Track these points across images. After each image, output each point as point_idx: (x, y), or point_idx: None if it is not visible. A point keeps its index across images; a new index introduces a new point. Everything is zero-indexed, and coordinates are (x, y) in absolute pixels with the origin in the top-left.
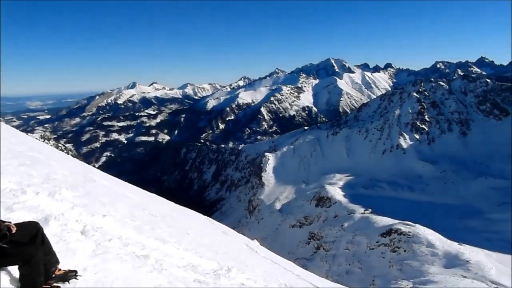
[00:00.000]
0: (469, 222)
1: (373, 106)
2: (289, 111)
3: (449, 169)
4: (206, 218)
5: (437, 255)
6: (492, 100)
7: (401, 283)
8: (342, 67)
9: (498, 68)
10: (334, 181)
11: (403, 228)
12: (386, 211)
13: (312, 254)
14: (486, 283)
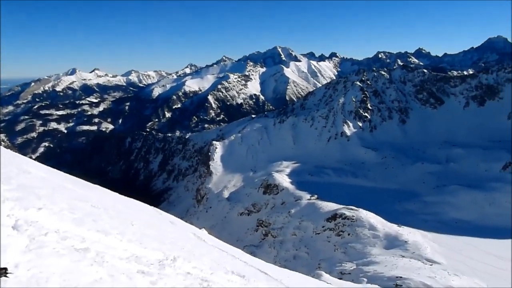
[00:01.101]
0: (407, 205)
1: (318, 94)
2: (237, 99)
3: (389, 155)
4: (152, 209)
5: (378, 237)
6: (429, 89)
7: (345, 265)
8: (288, 55)
9: (434, 59)
10: (281, 168)
11: (347, 213)
12: (331, 197)
13: (260, 241)
14: (422, 261)
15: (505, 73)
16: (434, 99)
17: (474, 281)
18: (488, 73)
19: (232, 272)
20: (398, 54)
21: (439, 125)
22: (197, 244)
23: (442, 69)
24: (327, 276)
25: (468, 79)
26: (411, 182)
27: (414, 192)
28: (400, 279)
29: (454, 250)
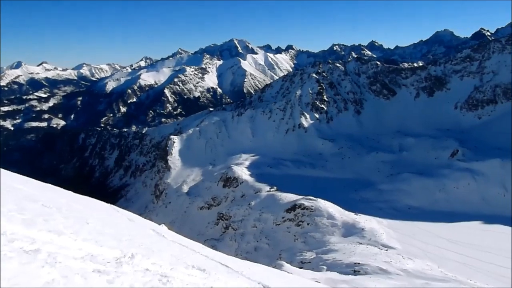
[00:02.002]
0: (363, 194)
1: (276, 87)
2: (194, 93)
3: (345, 146)
4: (109, 206)
5: (336, 226)
6: (381, 81)
7: (305, 254)
8: (245, 48)
9: (386, 52)
10: (240, 161)
11: (306, 203)
12: (290, 188)
13: (221, 234)
14: (378, 247)
15: (452, 65)
16: (387, 90)
17: (427, 264)
18: (436, 65)
19: (193, 267)
20: (352, 46)
21: (392, 115)
22: (157, 240)
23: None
24: (288, 266)
25: (418, 71)
26: (367, 171)
27: (370, 181)
28: (358, 265)
29: (407, 235)
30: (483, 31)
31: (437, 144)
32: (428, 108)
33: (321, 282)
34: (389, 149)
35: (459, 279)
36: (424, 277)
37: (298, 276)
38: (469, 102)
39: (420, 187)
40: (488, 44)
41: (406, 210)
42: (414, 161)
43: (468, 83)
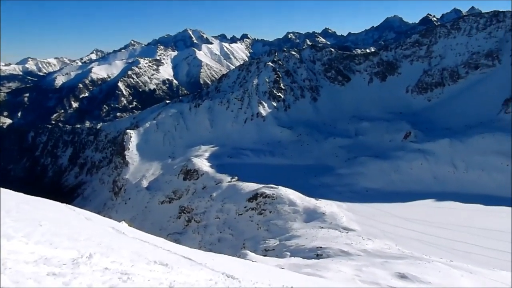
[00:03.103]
0: (323, 179)
1: (232, 76)
2: (149, 85)
3: (304, 133)
4: (65, 206)
5: (298, 212)
6: (336, 67)
7: (269, 242)
8: (200, 38)
9: (339, 39)
10: (200, 153)
11: (267, 191)
12: (251, 177)
13: (184, 227)
14: (339, 230)
15: (402, 50)
16: (341, 77)
17: (385, 243)
18: (388, 51)
19: (154, 262)
20: (306, 34)
21: (347, 101)
22: (116, 238)
23: (347, 47)
24: (252, 254)
25: (370, 57)
26: (325, 157)
27: (328, 166)
28: (320, 249)
29: (366, 216)
30: (429, 16)
31: (391, 127)
32: (381, 93)
33: (285, 268)
34: (345, 134)
35: (415, 255)
36: (383, 256)
37: (262, 264)
38: (419, 86)
39: (376, 169)
40: (434, 29)
41: (364, 193)
42: (370, 145)
43: (417, 67)
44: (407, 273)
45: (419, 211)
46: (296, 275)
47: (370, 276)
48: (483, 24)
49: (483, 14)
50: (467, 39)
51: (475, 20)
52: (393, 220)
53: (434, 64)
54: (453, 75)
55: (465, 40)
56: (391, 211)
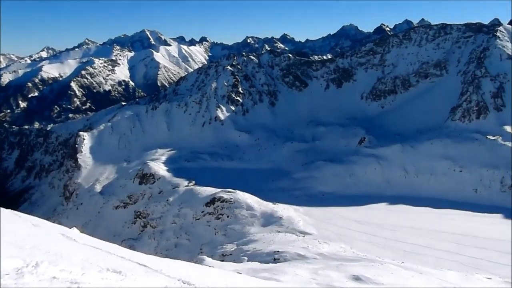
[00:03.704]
0: (280, 183)
1: (190, 79)
2: (104, 86)
3: (261, 137)
4: (9, 212)
5: (256, 216)
6: (294, 73)
7: (226, 246)
8: (158, 39)
9: (297, 44)
10: (156, 156)
11: (225, 196)
12: (209, 182)
13: (139, 233)
14: (296, 233)
15: (357, 58)
16: (299, 82)
17: (341, 246)
18: (344, 58)
19: (107, 269)
20: (265, 39)
21: (305, 106)
22: (66, 245)
23: (304, 53)
24: (209, 259)
25: (327, 63)
26: (283, 161)
27: (286, 170)
28: (278, 253)
29: (322, 220)
30: (383, 26)
31: (346, 133)
32: (337, 99)
33: (242, 272)
34: (302, 139)
35: (369, 257)
36: (338, 259)
37: (219, 269)
38: (373, 93)
39: (332, 173)
40: (387, 38)
41: (320, 196)
42: (326, 149)
43: (372, 74)
44: (361, 275)
45: (372, 214)
46: (253, 279)
47: (325, 279)
48: (432, 36)
49: (432, 26)
50: (417, 49)
51: (425, 32)
52: (348, 223)
53: (387, 72)
54: (404, 83)
55: (416, 50)
56: (346, 215)
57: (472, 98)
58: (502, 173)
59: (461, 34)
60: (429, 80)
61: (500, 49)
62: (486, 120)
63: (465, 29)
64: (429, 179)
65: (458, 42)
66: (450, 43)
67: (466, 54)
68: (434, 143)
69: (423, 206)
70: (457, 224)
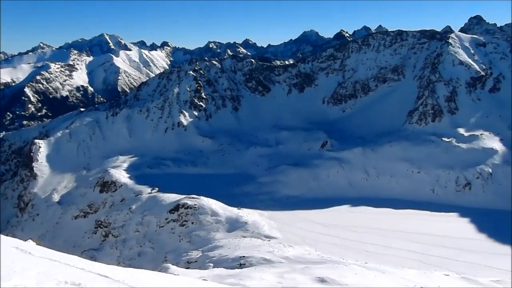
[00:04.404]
0: (244, 188)
1: (152, 84)
2: (61, 92)
3: (225, 142)
4: None
5: (221, 222)
6: (257, 78)
7: (191, 253)
8: (117, 44)
9: (259, 50)
10: (118, 163)
11: (189, 202)
12: (172, 188)
13: (100, 243)
14: (261, 238)
15: (318, 63)
16: (262, 87)
17: (305, 249)
18: (305, 63)
19: (65, 282)
20: (227, 44)
21: (268, 111)
22: (21, 259)
23: (267, 58)
24: (174, 267)
25: (289, 68)
26: (247, 166)
27: (250, 175)
28: (243, 258)
29: (287, 223)
30: (343, 32)
31: (309, 137)
32: (299, 103)
33: (208, 279)
34: (266, 143)
35: (333, 259)
36: (303, 262)
37: (184, 276)
38: (334, 97)
39: (296, 177)
40: (347, 44)
41: (284, 200)
42: (290, 153)
43: (332, 79)
44: (326, 277)
45: (336, 216)
46: (219, 286)
47: (291, 282)
48: (389, 42)
49: (389, 33)
50: (376, 54)
51: (382, 38)
52: (312, 226)
53: (347, 77)
54: (364, 88)
55: (374, 56)
56: (311, 217)
57: (428, 102)
58: (457, 174)
59: (416, 40)
60: (387, 84)
61: (453, 55)
62: (441, 123)
63: (419, 36)
64: (389, 181)
65: (414, 48)
66: (406, 49)
67: (421, 59)
68: (393, 145)
69: (384, 207)
70: (417, 223)
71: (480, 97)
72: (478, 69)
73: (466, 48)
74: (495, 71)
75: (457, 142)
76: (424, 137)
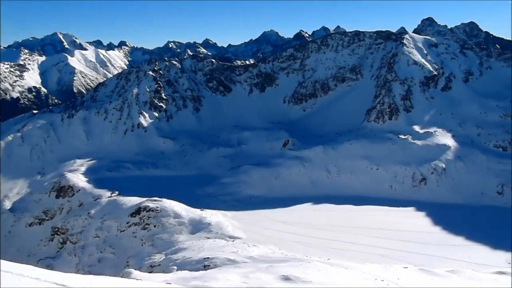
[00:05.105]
0: (207, 189)
1: (110, 85)
2: (11, 93)
3: (187, 143)
4: None
5: (184, 224)
6: (217, 78)
7: (154, 257)
8: (72, 43)
9: (220, 50)
10: (75, 167)
11: (151, 205)
12: (133, 191)
13: (57, 250)
14: (225, 239)
15: (279, 63)
16: (223, 87)
17: (269, 248)
18: (266, 63)
19: None
20: (187, 44)
21: (229, 111)
22: None
23: (227, 58)
24: (136, 272)
25: (250, 68)
26: (209, 167)
27: (212, 176)
28: (208, 260)
29: (251, 223)
30: (302, 32)
31: (270, 136)
32: (261, 103)
33: (172, 283)
34: (228, 144)
35: (297, 257)
36: (268, 261)
37: (147, 281)
38: (295, 97)
39: (258, 177)
40: (307, 44)
41: (248, 200)
42: (252, 153)
43: (293, 79)
44: (291, 275)
45: (299, 214)
46: None
47: (256, 281)
48: (347, 42)
49: (347, 33)
50: (334, 54)
51: (341, 38)
52: (276, 225)
53: (307, 76)
54: (324, 87)
55: (333, 56)
56: (274, 217)
57: (385, 101)
58: (413, 169)
59: (372, 41)
60: (346, 84)
61: (407, 55)
62: (397, 121)
63: (376, 37)
64: (350, 178)
65: (371, 48)
66: (364, 49)
67: (378, 59)
68: (353, 143)
69: (345, 204)
70: (376, 219)
71: (433, 96)
72: (431, 69)
73: (420, 48)
74: (447, 70)
75: (413, 139)
76: (382, 135)
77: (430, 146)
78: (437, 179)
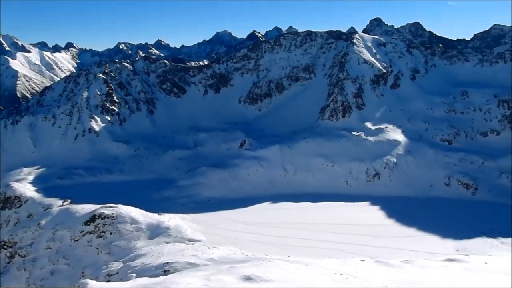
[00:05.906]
0: (165, 192)
1: (57, 89)
2: None
3: (142, 147)
4: None
5: (141, 229)
6: (171, 79)
7: (111, 265)
8: (13, 45)
9: (173, 51)
10: (22, 176)
11: (106, 212)
12: (87, 198)
13: (5, 265)
14: (184, 242)
15: (233, 63)
16: (177, 89)
17: (230, 249)
18: (220, 63)
19: None
20: (139, 45)
21: (184, 112)
22: None
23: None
24: (93, 282)
25: (204, 69)
26: (166, 170)
27: (169, 179)
28: (168, 264)
29: (210, 225)
30: (255, 32)
31: (227, 137)
32: (216, 104)
33: None
34: (184, 146)
35: (257, 256)
36: (229, 262)
37: None
38: (250, 97)
39: (216, 178)
40: (260, 44)
41: (206, 202)
42: (209, 155)
43: (247, 79)
44: (252, 275)
45: (258, 214)
46: None
47: (218, 283)
48: (300, 42)
49: (300, 33)
50: (288, 54)
51: (293, 38)
52: (236, 226)
53: (262, 76)
54: (278, 87)
55: (286, 55)
56: (234, 217)
57: (338, 99)
58: (366, 165)
59: (324, 40)
60: (300, 83)
61: (357, 54)
62: (350, 118)
63: (327, 36)
64: (307, 176)
65: (323, 48)
66: (316, 49)
67: (330, 58)
68: (308, 142)
69: (302, 202)
70: (333, 215)
71: (383, 93)
72: (380, 67)
73: (369, 47)
74: (395, 69)
75: (366, 136)
76: (336, 132)
77: (382, 142)
78: (389, 174)
